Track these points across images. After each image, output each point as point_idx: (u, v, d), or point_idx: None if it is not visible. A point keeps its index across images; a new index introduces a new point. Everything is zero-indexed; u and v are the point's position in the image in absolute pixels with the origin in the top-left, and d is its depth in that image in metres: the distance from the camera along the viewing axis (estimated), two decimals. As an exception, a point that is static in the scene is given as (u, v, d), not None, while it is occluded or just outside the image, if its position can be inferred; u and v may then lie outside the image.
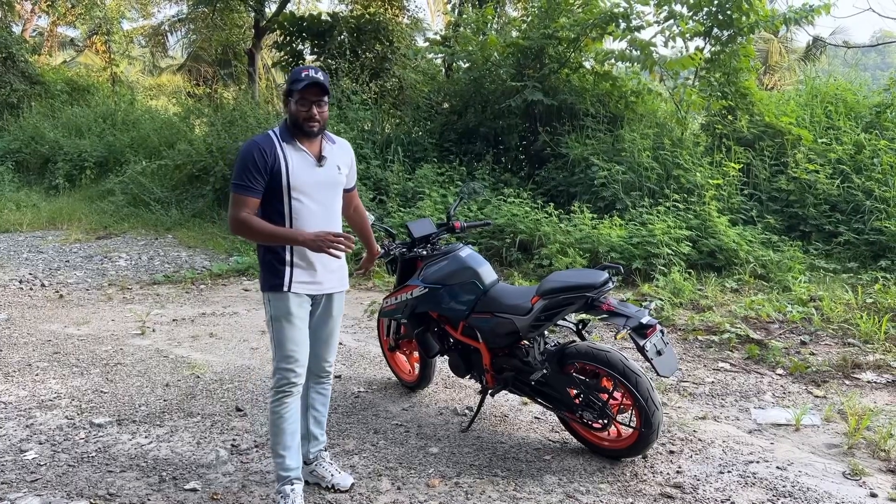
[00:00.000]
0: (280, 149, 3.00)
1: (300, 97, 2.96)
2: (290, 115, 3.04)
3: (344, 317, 6.45)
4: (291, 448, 3.15)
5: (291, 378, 3.09)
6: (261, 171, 2.95)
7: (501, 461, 3.70)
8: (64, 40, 29.12)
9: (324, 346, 3.29)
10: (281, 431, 3.12)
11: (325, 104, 3.05)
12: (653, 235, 7.20)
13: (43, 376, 5.00)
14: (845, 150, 8.25)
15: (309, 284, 3.10)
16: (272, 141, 3.02)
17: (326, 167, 3.09)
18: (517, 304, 3.69)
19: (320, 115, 3.02)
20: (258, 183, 2.96)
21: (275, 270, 3.07)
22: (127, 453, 3.82)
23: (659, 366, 3.36)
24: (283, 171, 2.98)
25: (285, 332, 3.07)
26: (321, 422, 3.42)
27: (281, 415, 3.11)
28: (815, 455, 3.76)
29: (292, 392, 3.11)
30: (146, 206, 11.83)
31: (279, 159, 2.98)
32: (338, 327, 3.33)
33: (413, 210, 8.59)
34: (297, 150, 3.03)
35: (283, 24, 14.37)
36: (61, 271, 8.58)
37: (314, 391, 3.37)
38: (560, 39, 9.95)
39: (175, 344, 5.80)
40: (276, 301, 3.08)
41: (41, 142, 15.31)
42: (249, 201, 2.97)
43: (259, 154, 2.96)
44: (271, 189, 2.99)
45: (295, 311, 3.07)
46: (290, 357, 3.08)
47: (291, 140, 3.04)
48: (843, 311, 5.83)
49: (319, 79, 2.97)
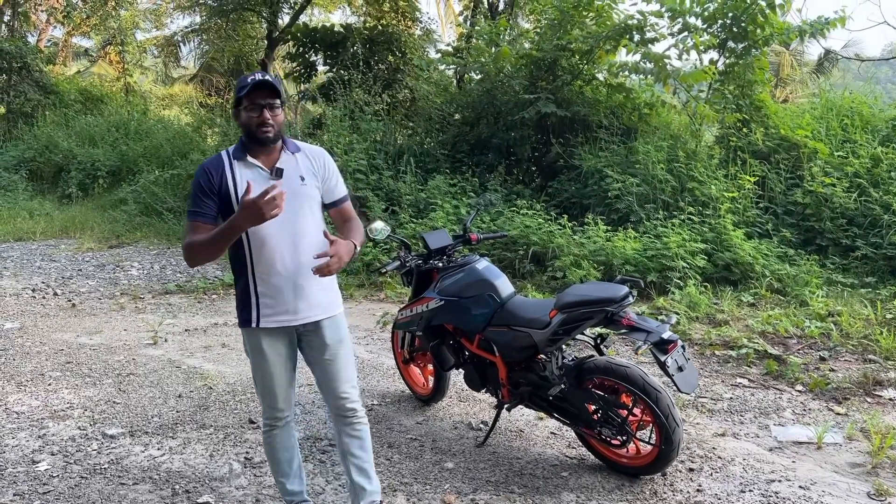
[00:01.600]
0: (229, 168, 2.77)
1: (249, 103, 2.70)
2: (242, 126, 2.77)
3: (356, 328, 6.50)
4: (290, 474, 3.10)
5: (275, 414, 2.99)
6: (208, 194, 2.73)
7: (518, 477, 3.64)
8: (78, 51, 29.38)
9: (331, 380, 2.95)
10: (276, 461, 3.08)
11: (278, 108, 2.75)
12: (668, 248, 7.13)
13: (55, 386, 4.99)
14: (862, 164, 8.17)
15: (280, 317, 2.82)
16: (221, 161, 2.79)
17: (284, 179, 2.74)
18: (535, 317, 3.65)
19: (274, 120, 2.73)
20: (207, 206, 2.73)
21: (243, 303, 2.85)
22: (139, 465, 3.79)
23: (680, 382, 3.30)
24: (230, 191, 2.74)
25: (261, 369, 2.91)
26: (365, 469, 3.02)
27: (272, 445, 3.05)
28: (838, 474, 3.68)
29: (279, 425, 3.01)
30: (158, 216, 11.85)
31: (226, 179, 2.74)
32: (343, 355, 2.95)
33: (425, 221, 8.56)
34: (248, 167, 2.77)
35: (296, 35, 14.44)
36: (74, 280, 8.59)
37: (344, 434, 3.00)
38: (573, 51, 9.93)
39: (187, 354, 5.78)
40: (248, 337, 2.91)
41: (55, 151, 15.39)
42: (200, 226, 2.72)
43: (205, 177, 2.75)
44: (225, 213, 2.74)
45: (268, 348, 2.86)
46: (268, 394, 2.95)
47: (243, 156, 2.78)
48: (862, 327, 5.74)
49: (267, 79, 2.71)
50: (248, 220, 2.53)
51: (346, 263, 2.76)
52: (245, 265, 2.81)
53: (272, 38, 17.81)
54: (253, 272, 2.80)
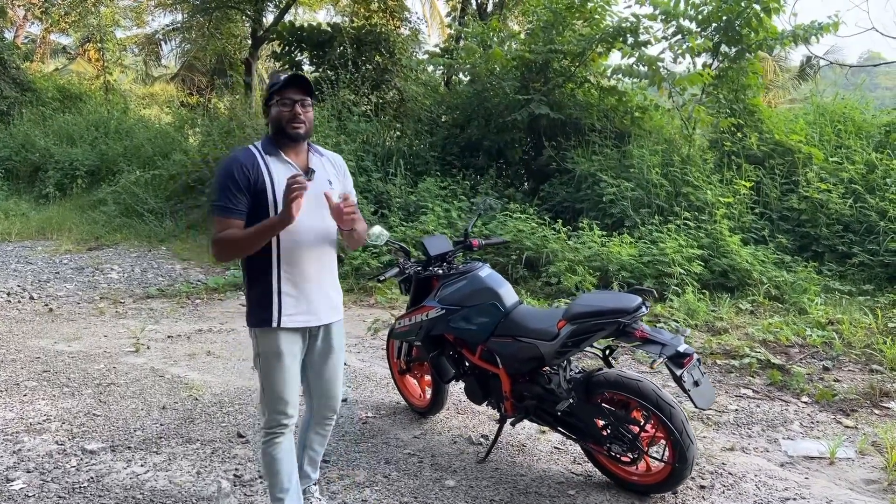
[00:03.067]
0: (263, 163, 2.73)
1: (281, 98, 2.71)
2: (273, 120, 2.76)
3: (347, 335, 6.24)
4: (290, 490, 2.93)
5: (282, 420, 2.84)
6: (242, 189, 2.67)
7: (523, 496, 3.47)
8: (56, 48, 28.86)
9: (329, 384, 2.97)
10: (276, 473, 2.89)
11: (310, 105, 2.77)
12: (664, 254, 7.01)
13: (31, 397, 4.73)
14: (857, 170, 8.11)
15: (301, 316, 2.78)
16: (253, 155, 2.75)
17: (316, 181, 2.76)
18: (542, 328, 3.47)
19: (305, 117, 2.74)
20: (240, 203, 2.67)
21: (262, 303, 2.75)
22: (121, 483, 3.57)
23: (696, 398, 3.15)
24: (267, 186, 2.69)
25: (274, 373, 2.78)
26: (316, 461, 3.21)
27: (274, 457, 2.87)
28: (853, 492, 3.55)
29: (283, 432, 2.87)
30: (139, 217, 11.56)
31: (262, 174, 2.70)
32: (341, 361, 2.99)
33: (416, 225, 8.37)
34: (282, 163, 2.75)
35: (281, 33, 14.18)
36: (51, 283, 8.30)
37: (313, 431, 3.09)
38: (565, 53, 9.81)
39: (171, 363, 5.54)
40: (264, 338, 2.78)
41: (31, 149, 15.00)
42: (232, 223, 2.67)
43: (240, 170, 2.68)
44: (256, 207, 2.69)
45: (285, 349, 2.77)
46: (279, 399, 2.81)
47: (276, 152, 2.76)
48: (863, 336, 5.65)
49: (300, 74, 2.75)
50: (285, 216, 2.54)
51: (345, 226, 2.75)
52: (269, 264, 2.75)
53: (256, 36, 17.53)
54: (279, 271, 2.75)
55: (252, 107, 13.92)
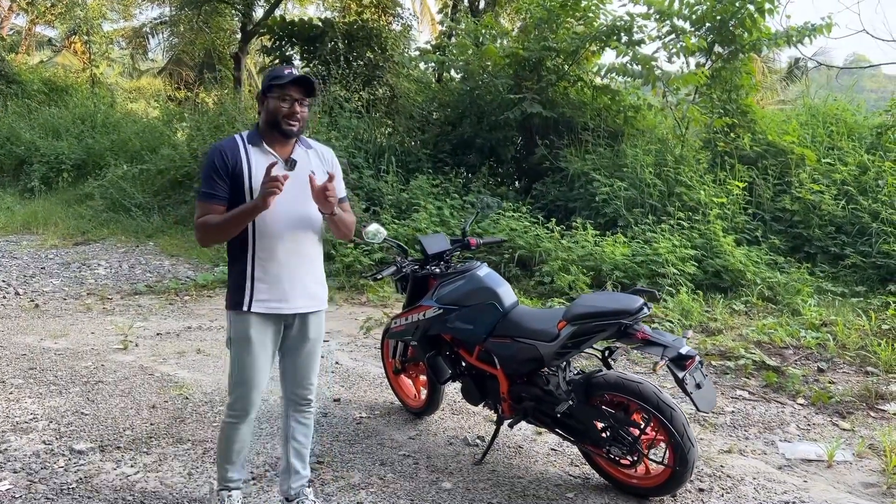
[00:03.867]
0: (244, 151, 2.79)
1: (282, 93, 2.75)
2: (268, 113, 2.79)
3: (339, 333, 6.22)
4: (236, 463, 3.08)
5: (247, 406, 2.92)
6: (222, 175, 2.75)
7: (521, 498, 3.42)
8: (41, 40, 28.52)
9: (301, 371, 3.01)
10: (228, 449, 3.03)
11: (307, 105, 2.83)
12: (658, 254, 6.99)
13: (18, 395, 4.63)
14: (849, 171, 8.13)
15: (273, 303, 2.82)
16: (236, 144, 2.81)
17: (296, 171, 2.81)
18: (541, 328, 3.42)
19: (301, 115, 2.79)
20: (221, 188, 2.75)
21: (236, 287, 2.83)
22: (111, 485, 3.48)
23: (699, 400, 3.11)
24: (244, 173, 2.75)
25: (243, 357, 2.86)
26: (303, 455, 3.14)
27: (231, 438, 3.00)
28: (853, 495, 3.53)
29: (245, 418, 2.96)
30: (127, 212, 11.41)
31: (241, 161, 2.76)
32: (317, 351, 3.03)
33: (408, 223, 8.30)
34: (263, 153, 2.80)
35: (272, 28, 14.05)
36: (37, 279, 8.16)
37: (294, 420, 3.09)
38: (559, 51, 9.76)
39: (160, 361, 5.45)
40: (237, 321, 2.86)
41: (16, 142, 14.79)
42: (213, 208, 2.76)
43: (220, 158, 2.76)
44: (235, 196, 2.76)
45: (255, 335, 2.83)
46: (245, 383, 2.89)
47: (259, 142, 2.81)
48: (857, 338, 5.65)
49: (307, 76, 2.78)
50: (259, 202, 2.61)
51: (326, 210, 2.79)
52: (245, 248, 2.81)
53: (246, 30, 17.37)
54: (253, 256, 2.81)
55: (242, 101, 13.79)
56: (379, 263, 7.99)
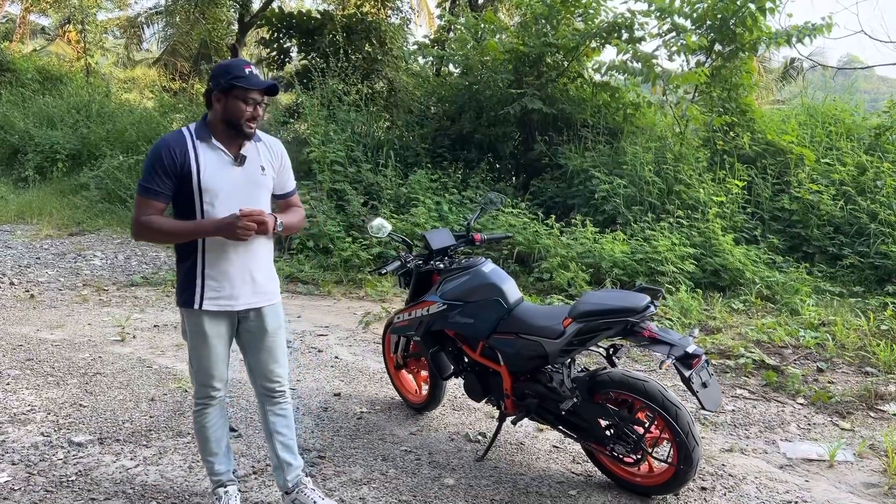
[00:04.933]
0: (192, 147, 2.74)
1: (245, 95, 2.71)
2: (226, 112, 2.73)
3: (338, 328, 6.19)
4: (219, 454, 3.08)
5: (209, 392, 2.98)
6: (168, 172, 2.70)
7: (524, 496, 3.41)
8: (35, 28, 28.29)
9: (265, 364, 3.01)
10: (206, 440, 3.05)
11: (266, 105, 2.86)
12: (657, 252, 6.99)
13: (15, 386, 4.59)
14: (848, 172, 8.14)
15: (224, 301, 2.82)
16: (183, 140, 2.75)
17: (246, 167, 2.81)
18: (546, 325, 3.41)
19: (260, 117, 2.80)
20: (164, 185, 2.71)
21: (185, 284, 2.82)
22: (111, 478, 3.46)
23: (704, 399, 3.10)
24: (193, 171, 2.71)
25: (199, 350, 2.89)
26: (290, 446, 3.11)
27: (203, 425, 3.03)
28: (854, 495, 3.53)
29: (212, 403, 3.01)
30: (122, 203, 11.34)
31: (189, 159, 2.71)
32: (279, 342, 3.03)
33: (406, 217, 8.27)
34: (211, 149, 2.76)
35: (270, 20, 13.96)
36: (32, 269, 8.10)
37: (271, 413, 3.08)
38: (559, 47, 9.74)
39: (158, 353, 5.41)
40: (189, 318, 2.87)
41: (10, 131, 14.66)
42: (154, 205, 2.72)
43: (167, 153, 2.69)
44: (182, 192, 2.73)
45: (208, 330, 2.85)
46: (205, 373, 2.93)
47: (207, 137, 2.77)
48: (856, 338, 5.66)
49: (272, 83, 2.76)
50: (225, 233, 2.66)
51: (264, 231, 2.76)
52: (195, 247, 2.79)
53: (244, 22, 17.27)
54: (203, 253, 2.79)
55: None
56: (377, 258, 7.95)
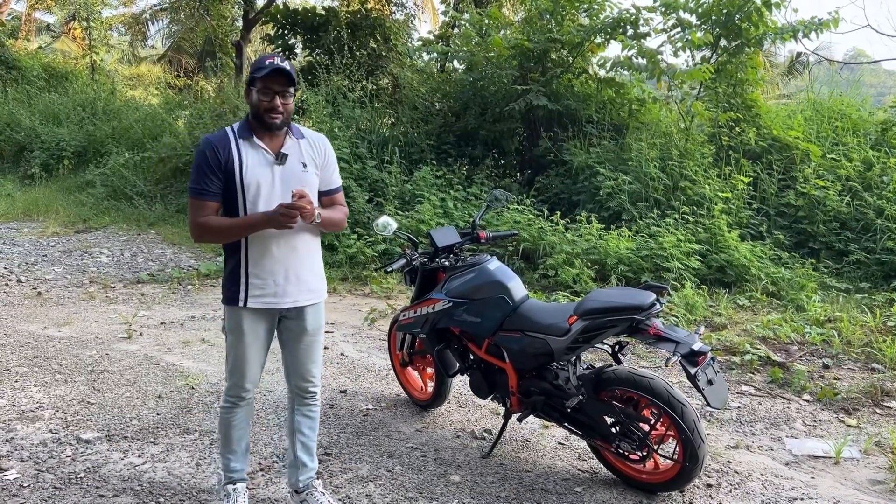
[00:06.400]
0: (235, 146, 2.78)
1: (263, 86, 2.73)
2: (251, 106, 2.79)
3: (343, 325, 6.21)
4: (237, 452, 3.11)
5: (240, 393, 3.00)
6: (214, 170, 2.75)
7: (529, 492, 3.42)
8: (40, 25, 28.33)
9: (301, 363, 3.04)
10: (228, 438, 3.07)
11: (291, 96, 2.80)
12: (662, 248, 6.98)
13: (23, 383, 4.62)
14: (854, 167, 8.11)
15: (268, 298, 2.86)
16: (227, 138, 2.80)
17: (287, 165, 2.83)
18: (552, 323, 3.41)
19: (284, 108, 2.77)
20: (213, 184, 2.76)
21: (231, 281, 2.87)
22: (119, 474, 3.48)
23: (710, 397, 3.11)
24: (236, 170, 2.75)
25: (237, 348, 2.92)
26: (310, 448, 3.15)
27: (228, 422, 3.05)
28: (860, 492, 3.53)
29: (241, 404, 3.03)
30: (128, 200, 11.37)
31: (233, 157, 2.76)
32: (317, 343, 3.05)
33: (411, 214, 8.28)
34: (253, 147, 2.79)
35: (274, 16, 13.96)
36: (39, 266, 8.13)
37: (299, 413, 3.12)
38: (564, 43, 9.71)
39: (165, 350, 5.44)
40: (231, 314, 2.91)
41: (16, 129, 14.72)
42: (207, 205, 2.78)
43: (212, 153, 2.75)
44: (226, 190, 2.78)
45: (248, 328, 2.88)
46: (239, 372, 2.95)
47: (249, 136, 2.80)
48: (862, 335, 5.65)
49: (284, 67, 2.73)
50: (273, 224, 2.68)
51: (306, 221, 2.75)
52: (239, 244, 2.84)
53: (248, 18, 17.27)
54: (247, 252, 2.83)
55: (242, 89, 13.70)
56: (383, 255, 7.97)
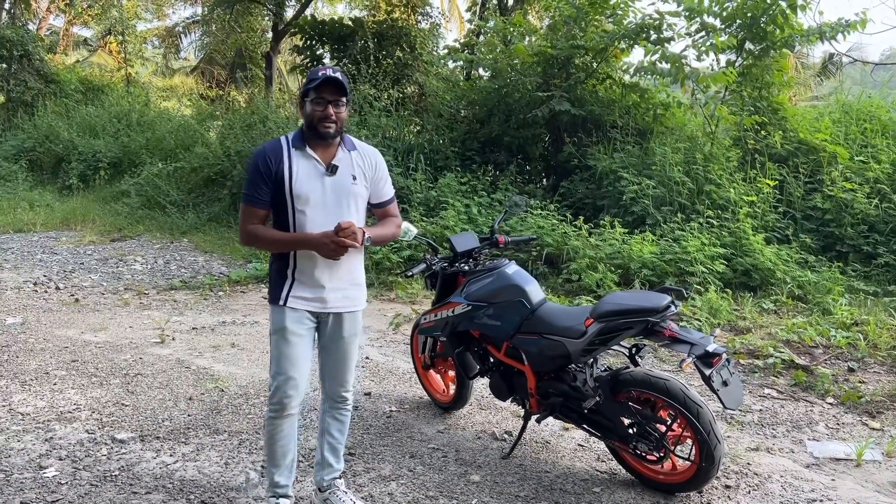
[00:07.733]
0: (287, 155, 2.85)
1: (316, 96, 2.80)
2: (305, 116, 2.87)
3: (368, 329, 6.33)
4: (282, 467, 3.09)
5: (284, 398, 2.95)
6: (265, 179, 2.83)
7: (548, 493, 3.48)
8: (77, 40, 29.11)
9: (336, 369, 3.09)
10: (273, 451, 3.06)
11: (343, 105, 2.86)
12: (686, 252, 6.98)
13: (61, 386, 4.81)
14: (883, 170, 8.02)
15: (309, 301, 2.92)
16: (280, 148, 2.88)
17: (337, 176, 2.89)
18: (569, 325, 3.48)
19: (337, 117, 2.83)
20: (263, 192, 2.84)
21: (276, 283, 2.95)
22: (151, 473, 3.62)
23: (725, 398, 3.15)
24: (286, 178, 2.82)
25: (281, 348, 2.94)
26: (337, 450, 3.22)
27: (273, 435, 3.03)
28: (881, 494, 3.53)
29: (286, 412, 2.98)
30: (161, 209, 11.67)
31: (283, 166, 2.83)
32: (353, 350, 3.10)
33: (436, 220, 8.38)
34: (305, 157, 2.86)
35: (303, 27, 14.23)
36: (76, 274, 8.40)
37: (330, 416, 3.18)
38: (587, 49, 9.76)
39: (196, 354, 5.60)
40: (275, 314, 2.96)
41: (55, 141, 15.20)
42: (257, 212, 2.88)
43: (264, 161, 2.84)
44: (276, 198, 2.85)
45: (291, 327, 2.92)
46: (283, 374, 2.94)
47: (302, 146, 2.87)
48: (889, 338, 5.60)
49: (336, 76, 2.81)
50: (319, 249, 2.78)
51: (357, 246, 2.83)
52: None
53: (278, 30, 17.59)
54: (295, 256, 2.90)
55: (272, 100, 13.97)
56: (408, 261, 8.08)
